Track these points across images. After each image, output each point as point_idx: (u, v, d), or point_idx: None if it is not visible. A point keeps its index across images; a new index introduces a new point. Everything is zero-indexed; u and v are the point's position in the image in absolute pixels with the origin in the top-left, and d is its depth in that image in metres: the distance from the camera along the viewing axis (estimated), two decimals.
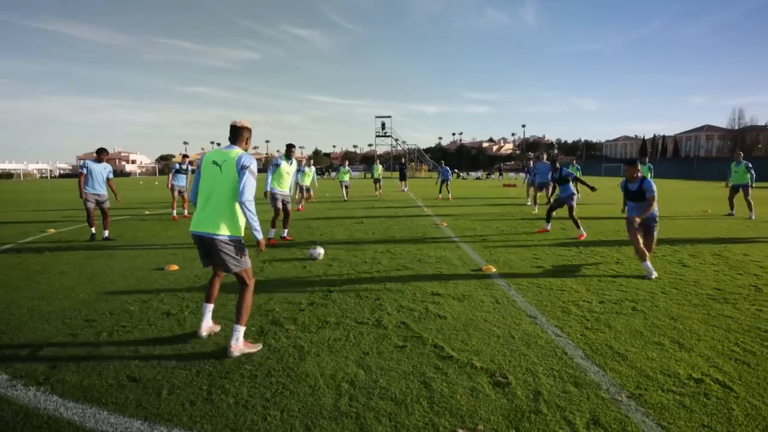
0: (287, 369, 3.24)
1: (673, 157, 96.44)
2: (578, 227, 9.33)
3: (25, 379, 3.08)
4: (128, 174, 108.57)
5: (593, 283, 5.57)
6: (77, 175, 10.43)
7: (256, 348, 3.57)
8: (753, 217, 12.44)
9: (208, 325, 3.81)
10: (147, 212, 14.70)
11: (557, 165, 10.07)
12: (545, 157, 15.79)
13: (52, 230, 10.43)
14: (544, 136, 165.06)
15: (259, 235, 3.51)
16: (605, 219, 12.15)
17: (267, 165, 9.19)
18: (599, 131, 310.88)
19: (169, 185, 12.81)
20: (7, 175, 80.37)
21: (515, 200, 19.46)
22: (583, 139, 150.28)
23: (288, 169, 8.42)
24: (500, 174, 56.46)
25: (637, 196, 6.23)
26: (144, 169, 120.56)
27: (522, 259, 7.10)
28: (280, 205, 8.54)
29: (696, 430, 2.56)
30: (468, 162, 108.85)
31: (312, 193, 15.98)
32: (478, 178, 57.04)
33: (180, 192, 13.02)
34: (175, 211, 12.97)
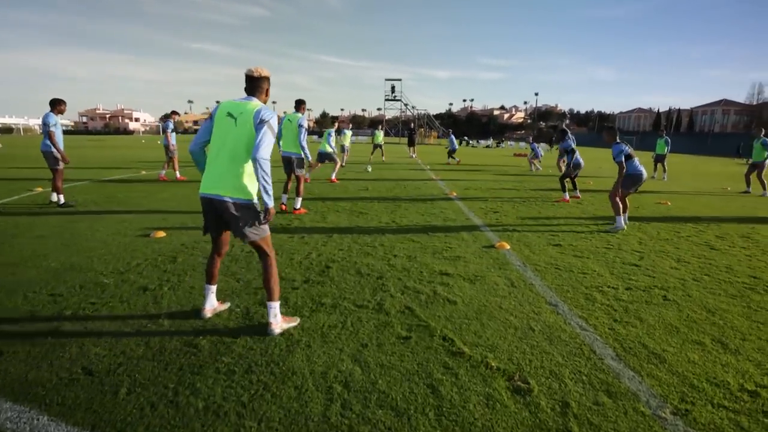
0: (271, 363, 2.78)
1: (688, 131, 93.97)
2: (564, 190, 10.09)
3: None
4: (131, 132, 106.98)
5: (617, 267, 5.06)
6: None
7: (295, 322, 3.35)
8: (767, 195, 12.01)
9: (211, 305, 3.44)
10: (144, 172, 14.17)
11: (564, 135, 10.81)
12: (563, 125, 16.98)
13: (40, 188, 9.93)
14: (556, 106, 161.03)
15: (270, 201, 3.02)
16: None
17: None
18: (613, 102, 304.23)
19: (172, 145, 12.08)
20: (7, 130, 78.44)
21: (527, 170, 18.78)
22: (596, 110, 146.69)
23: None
24: (499, 144, 56.24)
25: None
26: (147, 128, 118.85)
27: (537, 235, 6.57)
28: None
29: None
30: (478, 130, 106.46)
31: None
32: (488, 147, 55.78)
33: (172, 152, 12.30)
34: (164, 171, 12.38)
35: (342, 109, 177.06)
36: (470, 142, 61.87)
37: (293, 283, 4.24)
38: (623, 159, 6.95)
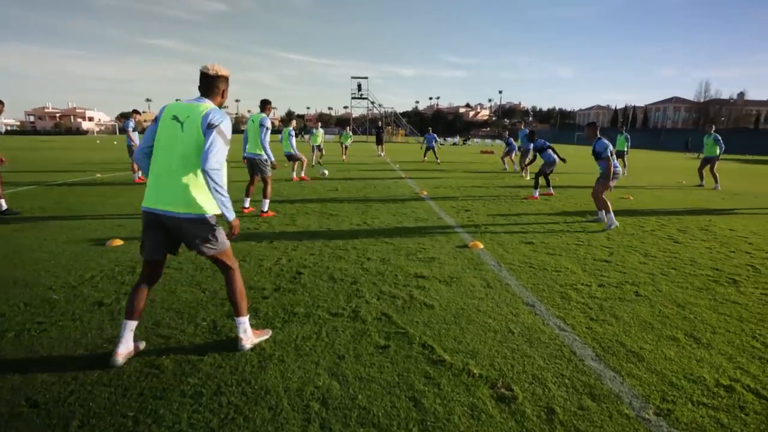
0: (242, 383, 2.60)
1: (643, 127, 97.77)
2: (536, 186, 10.25)
3: None
4: (84, 132, 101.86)
5: (588, 263, 5.10)
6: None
7: (267, 335, 3.16)
8: (718, 188, 12.69)
9: (127, 348, 2.76)
10: (98, 175, 13.48)
11: (534, 135, 11.35)
12: (523, 125, 18.01)
13: None
14: (519, 103, 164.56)
15: (231, 214, 2.71)
16: (586, 188, 11.77)
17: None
18: (574, 100, 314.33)
19: (136, 144, 11.62)
20: None
21: (496, 168, 18.97)
22: (557, 108, 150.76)
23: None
24: (465, 142, 56.93)
25: (594, 156, 7.24)
26: (102, 127, 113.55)
27: (509, 233, 6.58)
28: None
29: None
30: (444, 127, 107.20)
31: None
32: (454, 144, 56.30)
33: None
34: (139, 173, 11.83)
35: (308, 108, 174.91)
36: (437, 139, 62.20)
37: (263, 291, 4.04)
38: (609, 154, 7.03)
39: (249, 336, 2.99)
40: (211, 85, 2.77)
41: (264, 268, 4.69)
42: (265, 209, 7.57)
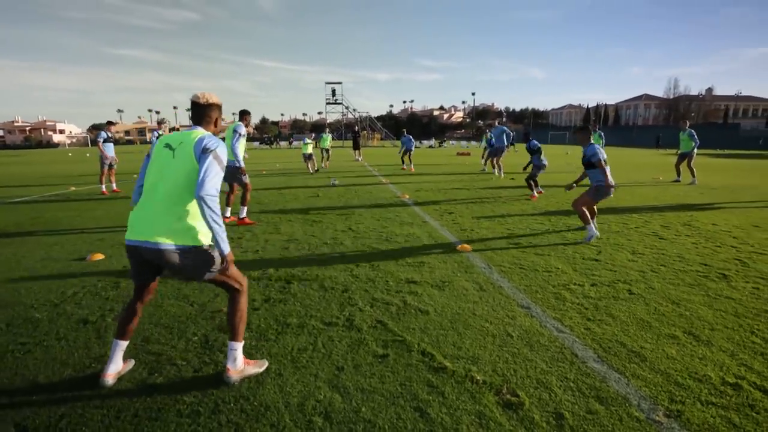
0: (241, 399, 2.49)
1: (614, 124, 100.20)
2: (532, 189, 10.36)
3: None
4: (56, 145, 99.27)
5: (578, 262, 5.12)
6: None
7: (261, 367, 2.81)
8: (696, 183, 12.92)
9: (116, 368, 2.67)
10: (73, 188, 13.07)
11: (529, 136, 11.16)
12: (496, 123, 16.59)
13: None
14: (493, 104, 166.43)
15: (226, 247, 2.47)
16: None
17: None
18: (546, 100, 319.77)
19: (105, 155, 11.43)
20: None
21: (474, 169, 19.07)
22: (530, 108, 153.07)
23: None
24: (441, 144, 57.45)
25: (586, 163, 6.29)
26: (74, 140, 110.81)
27: (495, 234, 6.58)
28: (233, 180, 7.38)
29: None
30: (419, 130, 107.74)
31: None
32: (430, 147, 56.60)
33: (111, 165, 11.69)
34: (104, 186, 11.62)
35: (282, 114, 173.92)
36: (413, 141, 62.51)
37: (253, 303, 3.92)
38: (602, 159, 6.08)
39: (238, 366, 2.70)
40: (203, 114, 2.67)
41: (252, 279, 4.56)
42: (243, 216, 7.48)
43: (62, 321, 3.52)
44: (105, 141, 11.48)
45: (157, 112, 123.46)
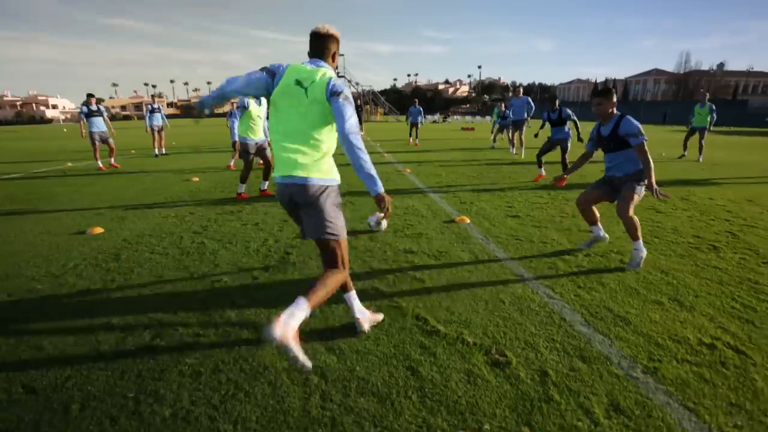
0: (240, 360, 2.61)
1: (623, 100, 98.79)
2: (565, 170, 8.55)
3: None
4: (49, 121, 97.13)
5: (574, 234, 5.21)
6: None
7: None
8: (701, 160, 12.65)
9: (362, 314, 2.96)
10: (70, 164, 13.10)
11: (557, 104, 9.11)
12: (521, 92, 14.02)
13: None
14: (499, 78, 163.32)
15: (379, 186, 2.46)
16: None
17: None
18: (554, 74, 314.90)
19: (90, 131, 11.26)
20: None
21: (477, 145, 19.02)
22: (537, 82, 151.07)
23: (258, 111, 7.19)
24: (445, 119, 56.76)
25: (613, 143, 4.17)
26: (69, 115, 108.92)
27: (495, 207, 6.65)
28: (252, 158, 7.43)
29: (725, 409, 2.20)
30: (423, 105, 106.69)
31: None
32: (435, 122, 56.17)
33: (102, 139, 11.48)
34: (99, 162, 11.59)
35: None
36: (423, 113, 61.97)
37: (252, 272, 4.02)
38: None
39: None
40: (323, 46, 2.62)
41: (251, 250, 4.66)
42: (264, 187, 7.72)
43: (64, 291, 3.62)
44: (88, 115, 11.15)
45: (153, 86, 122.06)
